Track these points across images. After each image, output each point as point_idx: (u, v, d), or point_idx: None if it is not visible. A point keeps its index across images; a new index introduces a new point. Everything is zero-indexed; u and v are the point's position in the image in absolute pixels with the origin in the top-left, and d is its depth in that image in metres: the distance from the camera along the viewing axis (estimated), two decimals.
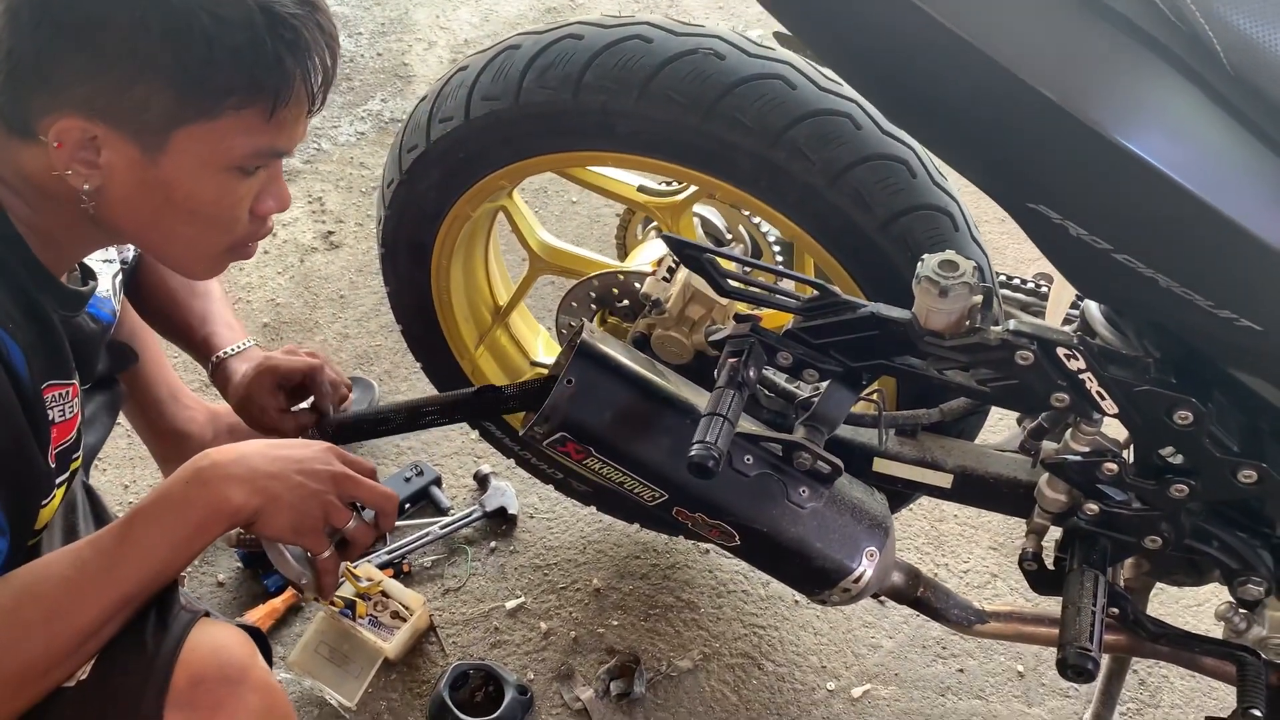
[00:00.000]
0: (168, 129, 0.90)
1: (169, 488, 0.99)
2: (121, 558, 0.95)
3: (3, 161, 0.93)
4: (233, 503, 0.98)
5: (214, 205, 0.96)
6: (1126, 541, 1.07)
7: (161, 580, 0.98)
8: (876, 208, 1.08)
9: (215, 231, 1.00)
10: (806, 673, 1.53)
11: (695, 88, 1.07)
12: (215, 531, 0.99)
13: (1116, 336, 1.04)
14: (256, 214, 1.00)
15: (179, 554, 0.98)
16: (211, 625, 1.01)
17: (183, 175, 0.93)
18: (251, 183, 0.97)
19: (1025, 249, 2.18)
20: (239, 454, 1.01)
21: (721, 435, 0.98)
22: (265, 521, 1.01)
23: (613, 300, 1.32)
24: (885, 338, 1.00)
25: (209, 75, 0.88)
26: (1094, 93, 0.78)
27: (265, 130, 0.93)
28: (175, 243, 1.01)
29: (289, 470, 1.02)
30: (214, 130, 0.91)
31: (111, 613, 0.95)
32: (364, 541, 1.09)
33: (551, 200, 2.26)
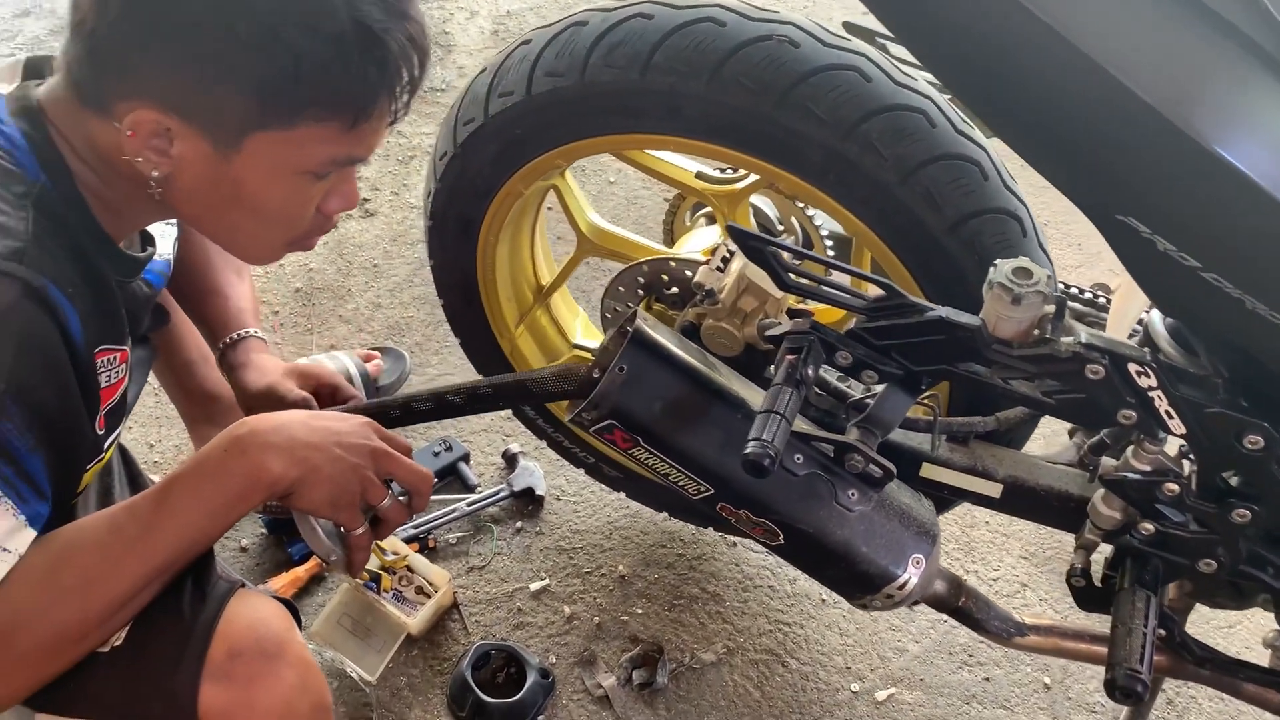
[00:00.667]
0: (243, 132, 0.89)
1: (207, 455, 0.97)
2: (158, 524, 0.94)
3: (73, 129, 0.92)
4: (272, 472, 0.96)
5: (282, 205, 0.95)
6: (1180, 563, 1.05)
7: (198, 548, 0.97)
8: (946, 208, 1.06)
9: (279, 228, 0.98)
10: (831, 673, 1.52)
11: (768, 75, 1.04)
12: (253, 501, 0.97)
13: (1180, 352, 1.01)
14: (322, 212, 0.99)
15: (216, 522, 0.96)
16: (250, 596, 1.01)
17: (254, 176, 0.91)
18: (322, 185, 0.96)
19: (1067, 255, 2.15)
20: (280, 423, 0.99)
21: (778, 434, 0.96)
22: (302, 493, 0.99)
23: (661, 287, 1.30)
24: (951, 343, 0.98)
25: (291, 87, 0.86)
26: (1197, 102, 0.76)
27: (343, 140, 0.91)
28: (237, 234, 1.00)
29: (329, 442, 1.00)
30: (290, 138, 0.89)
31: (147, 580, 0.94)
32: (397, 520, 1.07)
33: (589, 180, 2.23)
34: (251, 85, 0.85)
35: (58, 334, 0.88)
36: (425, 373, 1.86)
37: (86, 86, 0.89)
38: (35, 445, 0.86)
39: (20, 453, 0.85)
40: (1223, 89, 0.77)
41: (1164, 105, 0.76)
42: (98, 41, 0.86)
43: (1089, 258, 2.13)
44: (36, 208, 0.88)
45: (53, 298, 0.87)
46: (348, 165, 0.96)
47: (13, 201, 0.87)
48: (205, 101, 0.86)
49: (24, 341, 0.84)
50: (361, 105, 0.90)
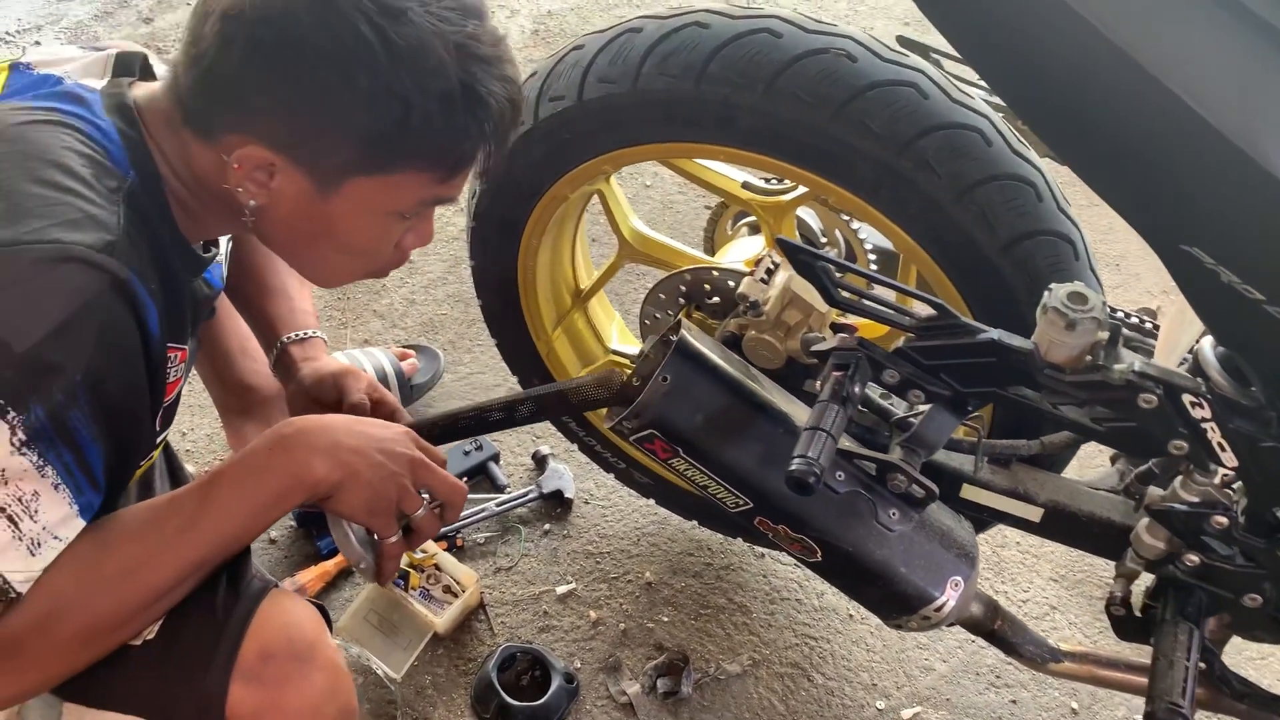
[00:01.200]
0: (345, 175, 0.91)
1: (252, 452, 0.98)
2: (200, 519, 0.94)
3: (170, 140, 0.94)
4: (315, 473, 0.97)
5: (368, 242, 0.98)
6: (1225, 597, 1.04)
7: (237, 545, 0.97)
8: (1000, 228, 1.05)
9: (361, 261, 1.02)
10: (856, 689, 1.51)
11: (824, 88, 1.03)
12: (294, 500, 0.97)
13: (1231, 383, 1.00)
14: (400, 248, 1.02)
15: (257, 520, 0.97)
16: (283, 598, 1.01)
17: (347, 215, 0.94)
18: (406, 223, 0.99)
19: (1105, 276, 2.12)
20: (324, 425, 1.00)
21: (824, 452, 0.95)
22: (341, 497, 0.99)
23: (703, 296, 1.29)
24: (1002, 366, 0.97)
25: (398, 139, 0.89)
26: (1270, 131, 0.74)
27: (437, 186, 0.95)
28: (320, 264, 1.02)
29: (371, 448, 1.01)
30: (388, 183, 0.92)
31: (185, 574, 0.94)
32: (429, 532, 1.07)
33: (625, 183, 2.22)
34: (361, 134, 0.88)
35: (136, 329, 0.89)
36: (457, 370, 1.86)
37: (195, 112, 0.91)
38: (98, 436, 0.86)
39: (85, 442, 0.86)
40: None
41: (1236, 134, 0.74)
42: (216, 77, 0.88)
43: (1128, 278, 2.11)
44: (127, 203, 0.90)
45: (138, 292, 0.88)
46: (435, 206, 0.99)
47: (106, 195, 0.88)
48: (313, 145, 0.89)
49: (105, 333, 0.85)
50: (460, 158, 0.93)
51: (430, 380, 1.80)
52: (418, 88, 0.87)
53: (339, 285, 1.07)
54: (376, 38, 0.85)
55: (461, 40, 0.89)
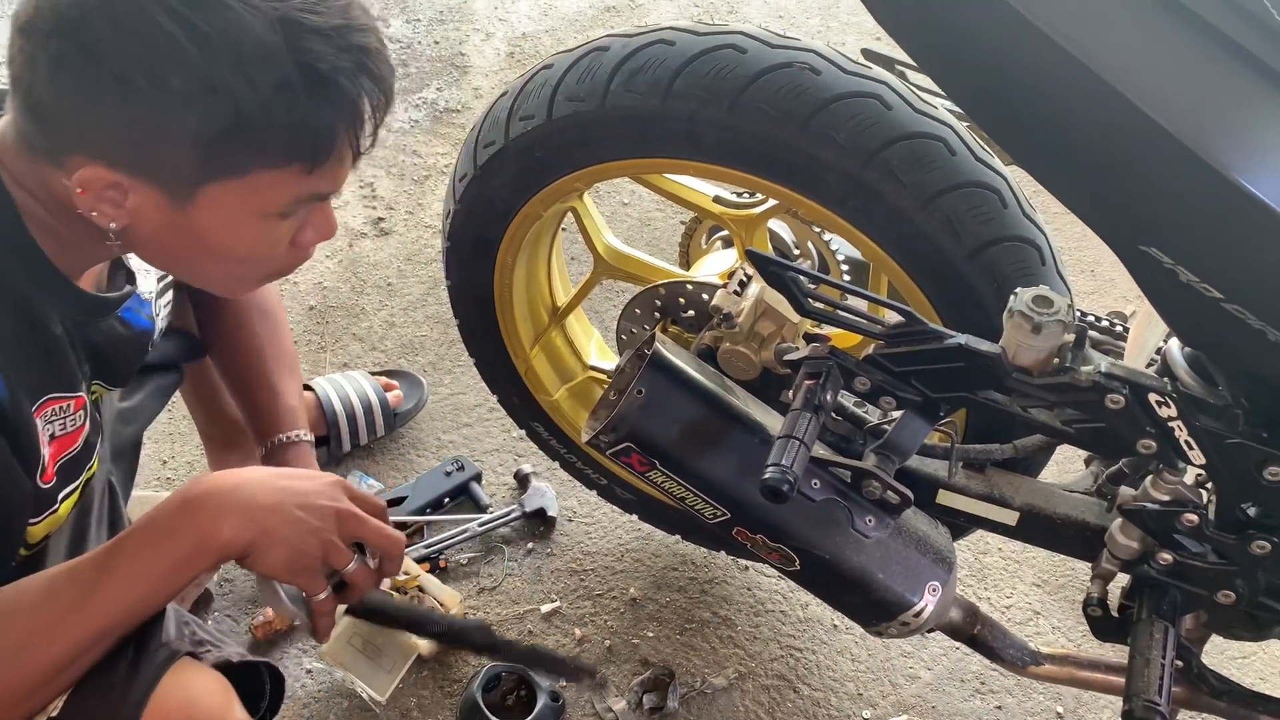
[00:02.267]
0: (195, 184, 0.85)
1: (157, 515, 0.93)
2: (99, 589, 0.90)
3: (28, 175, 0.88)
4: (222, 535, 0.92)
5: (250, 248, 0.92)
6: (1199, 594, 1.05)
7: (142, 614, 0.93)
8: (965, 236, 1.06)
9: (249, 268, 0.96)
10: (842, 699, 1.51)
11: (789, 102, 1.05)
12: (203, 564, 0.92)
13: (1199, 382, 1.01)
14: (297, 245, 0.95)
15: (162, 588, 0.92)
16: (187, 671, 0.95)
17: (214, 225, 0.88)
18: (292, 222, 0.92)
19: (1080, 282, 2.15)
20: (236, 482, 0.95)
21: (797, 460, 0.96)
22: (258, 558, 0.94)
23: (678, 310, 1.30)
24: (971, 370, 0.98)
25: (237, 138, 0.82)
26: (1223, 135, 0.76)
27: (305, 180, 0.87)
28: (207, 276, 0.97)
29: (288, 503, 0.95)
30: (245, 185, 0.85)
31: (85, 647, 0.90)
32: (364, 585, 1.03)
33: (603, 201, 2.24)
34: (193, 139, 0.81)
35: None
36: (439, 391, 1.86)
37: (33, 139, 0.85)
38: None
39: None
40: (1246, 120, 0.77)
41: (1187, 136, 0.76)
42: (35, 98, 0.82)
43: (1102, 284, 2.13)
44: None
45: None
46: (314, 202, 0.91)
47: None
48: (150, 156, 0.83)
49: None
50: (317, 147, 0.85)
51: (414, 408, 1.81)
52: (243, 79, 0.79)
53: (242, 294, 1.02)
54: (181, 30, 0.77)
55: (288, 15, 0.80)
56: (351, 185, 2.23)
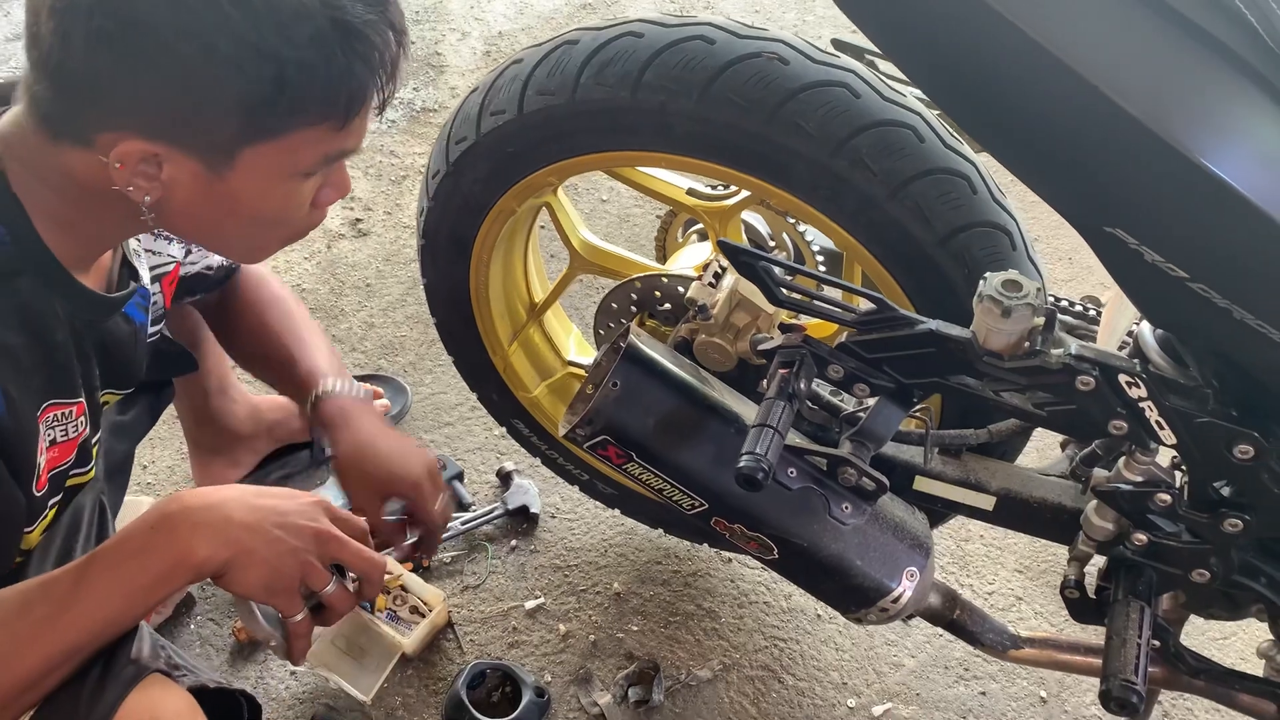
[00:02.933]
0: (235, 148, 0.86)
1: (133, 531, 0.92)
2: (71, 605, 0.89)
3: (44, 164, 0.88)
4: (198, 554, 0.91)
5: (278, 210, 0.93)
6: (1174, 574, 1.05)
7: (113, 631, 0.92)
8: (936, 222, 1.06)
9: (278, 230, 0.97)
10: (827, 688, 1.51)
11: (758, 92, 1.05)
12: (177, 582, 0.92)
13: (1171, 364, 1.02)
14: (317, 205, 0.97)
15: (135, 605, 0.91)
16: (153, 690, 0.93)
17: (249, 187, 0.89)
18: (315, 180, 0.94)
19: (1058, 269, 2.16)
20: (215, 500, 0.94)
21: (771, 447, 0.96)
22: (235, 577, 0.93)
23: (654, 303, 1.31)
24: (942, 356, 0.98)
25: (280, 99, 0.83)
26: (1184, 116, 0.77)
27: (335, 137, 0.90)
28: (232, 242, 0.98)
29: (266, 523, 0.94)
30: (283, 145, 0.87)
31: (55, 663, 0.89)
32: (342, 608, 1.02)
33: (582, 198, 2.24)
34: (239, 103, 0.83)
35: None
36: (420, 391, 1.86)
37: (60, 121, 0.85)
38: None
39: None
40: (1206, 101, 0.78)
41: (1149, 118, 0.76)
42: (66, 76, 0.82)
43: (1080, 271, 2.14)
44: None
45: None
46: (340, 159, 0.94)
47: None
48: (192, 124, 0.84)
49: None
50: (351, 102, 0.87)
51: (399, 413, 1.80)
52: (285, 39, 0.81)
53: (263, 259, 1.03)
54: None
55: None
56: None
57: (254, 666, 1.50)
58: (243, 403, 1.62)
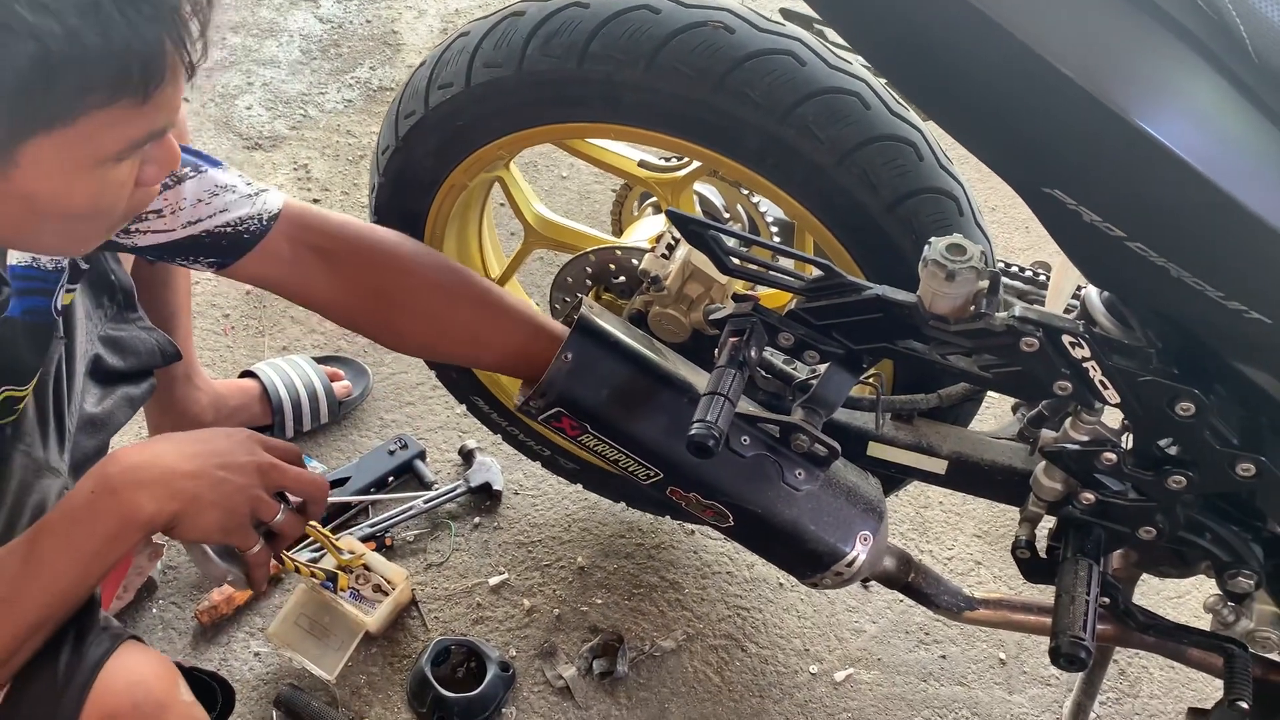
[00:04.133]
0: (12, 143, 0.75)
1: (74, 497, 0.91)
2: (25, 581, 0.89)
3: None
4: (145, 511, 0.91)
5: (90, 201, 0.82)
6: (1121, 532, 1.07)
7: (72, 600, 0.92)
8: (883, 189, 1.07)
9: (93, 222, 0.86)
10: (790, 655, 1.53)
11: (704, 61, 1.05)
12: (128, 541, 0.92)
13: (1117, 325, 1.03)
14: (141, 184, 0.85)
15: (89, 571, 0.91)
16: (131, 654, 0.94)
17: (43, 185, 0.78)
18: (130, 163, 0.82)
19: (1015, 238, 2.18)
20: (152, 454, 0.93)
21: (722, 415, 0.96)
22: (187, 526, 0.93)
23: (609, 276, 1.31)
24: (889, 320, 0.99)
25: (51, 81, 0.72)
26: (1116, 75, 0.77)
27: (139, 116, 0.78)
28: (47, 240, 0.88)
29: (209, 467, 0.94)
30: (72, 135, 0.75)
31: (20, 640, 0.89)
32: (293, 533, 1.04)
33: (542, 174, 2.23)
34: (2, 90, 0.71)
35: None
36: (380, 371, 1.85)
37: None
38: None
39: None
40: (1139, 61, 0.79)
41: (1083, 78, 0.77)
42: None
43: (1038, 240, 2.16)
44: None
45: None
46: (151, 140, 0.81)
47: None
48: None
49: None
50: (147, 74, 0.75)
51: (360, 396, 1.80)
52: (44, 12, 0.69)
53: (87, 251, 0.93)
54: None
55: None
56: (286, 167, 2.20)
57: (218, 649, 1.50)
58: (206, 390, 1.61)
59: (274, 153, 2.23)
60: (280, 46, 2.45)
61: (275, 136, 2.26)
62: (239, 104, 2.31)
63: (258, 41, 2.45)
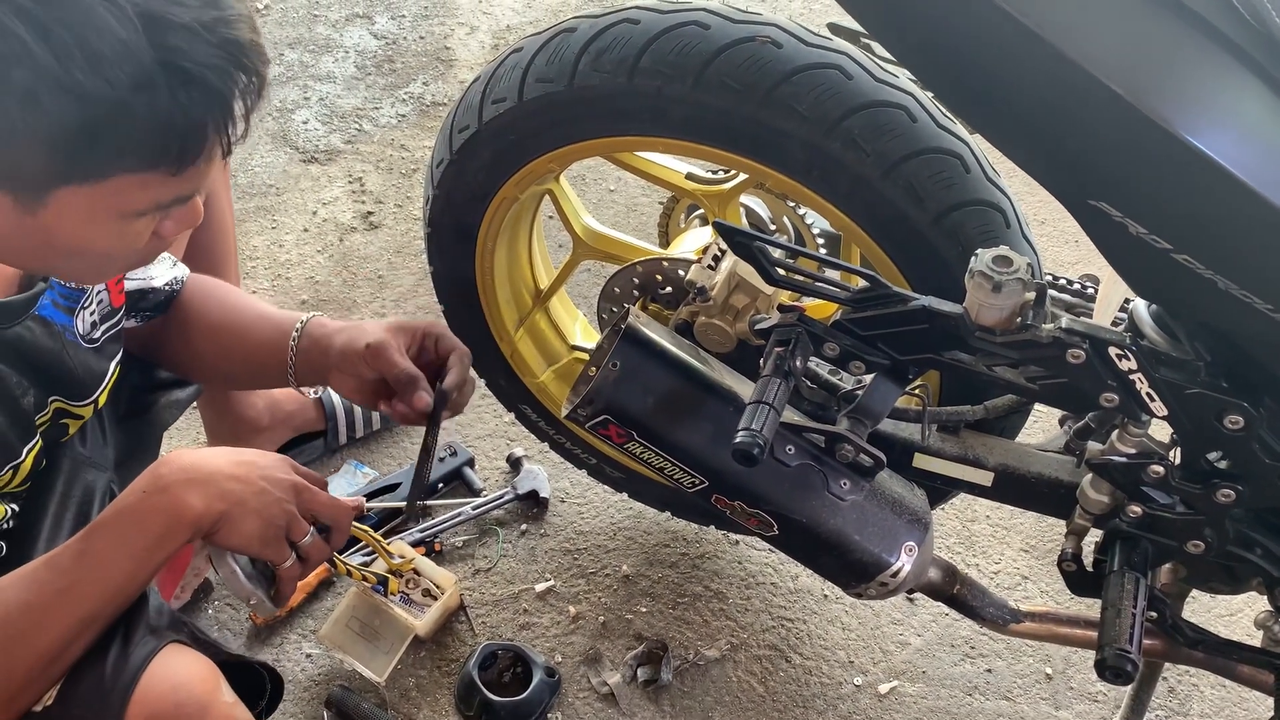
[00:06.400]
0: (46, 187, 0.80)
1: (126, 498, 0.94)
2: (80, 576, 0.92)
3: None
4: (194, 509, 0.93)
5: (106, 248, 0.87)
6: (1169, 545, 1.07)
7: (125, 596, 0.95)
8: (929, 202, 1.08)
9: (108, 262, 0.92)
10: (834, 667, 1.53)
11: (752, 75, 1.07)
12: (178, 540, 0.94)
13: (1164, 338, 1.03)
14: (160, 235, 0.91)
15: (141, 568, 0.94)
16: (175, 656, 0.97)
17: (67, 227, 0.83)
18: (151, 217, 0.87)
19: (1064, 252, 2.16)
20: (200, 457, 0.97)
21: (767, 423, 0.98)
22: (230, 529, 0.96)
23: (655, 287, 1.33)
24: (935, 332, 1.00)
25: (93, 142, 0.77)
26: (1163, 89, 0.78)
27: (169, 184, 0.83)
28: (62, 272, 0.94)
29: (254, 476, 0.97)
30: (103, 190, 0.81)
31: (73, 634, 0.92)
32: (318, 558, 1.04)
33: (590, 188, 2.26)
34: (43, 140, 0.76)
35: None
36: None
37: None
38: None
39: None
40: (1185, 75, 0.79)
41: (1130, 93, 0.78)
42: None
43: (1088, 254, 2.14)
44: None
45: None
46: (178, 205, 0.87)
47: None
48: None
49: None
50: (185, 150, 0.80)
51: None
52: (99, 78, 0.73)
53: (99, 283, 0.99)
54: (28, 28, 0.72)
55: (150, 9, 0.75)
56: (340, 180, 2.25)
57: (271, 650, 1.53)
58: (262, 394, 1.66)
59: (329, 166, 2.28)
60: (336, 62, 2.51)
61: (331, 150, 2.31)
62: (295, 118, 2.37)
63: (314, 57, 2.51)
